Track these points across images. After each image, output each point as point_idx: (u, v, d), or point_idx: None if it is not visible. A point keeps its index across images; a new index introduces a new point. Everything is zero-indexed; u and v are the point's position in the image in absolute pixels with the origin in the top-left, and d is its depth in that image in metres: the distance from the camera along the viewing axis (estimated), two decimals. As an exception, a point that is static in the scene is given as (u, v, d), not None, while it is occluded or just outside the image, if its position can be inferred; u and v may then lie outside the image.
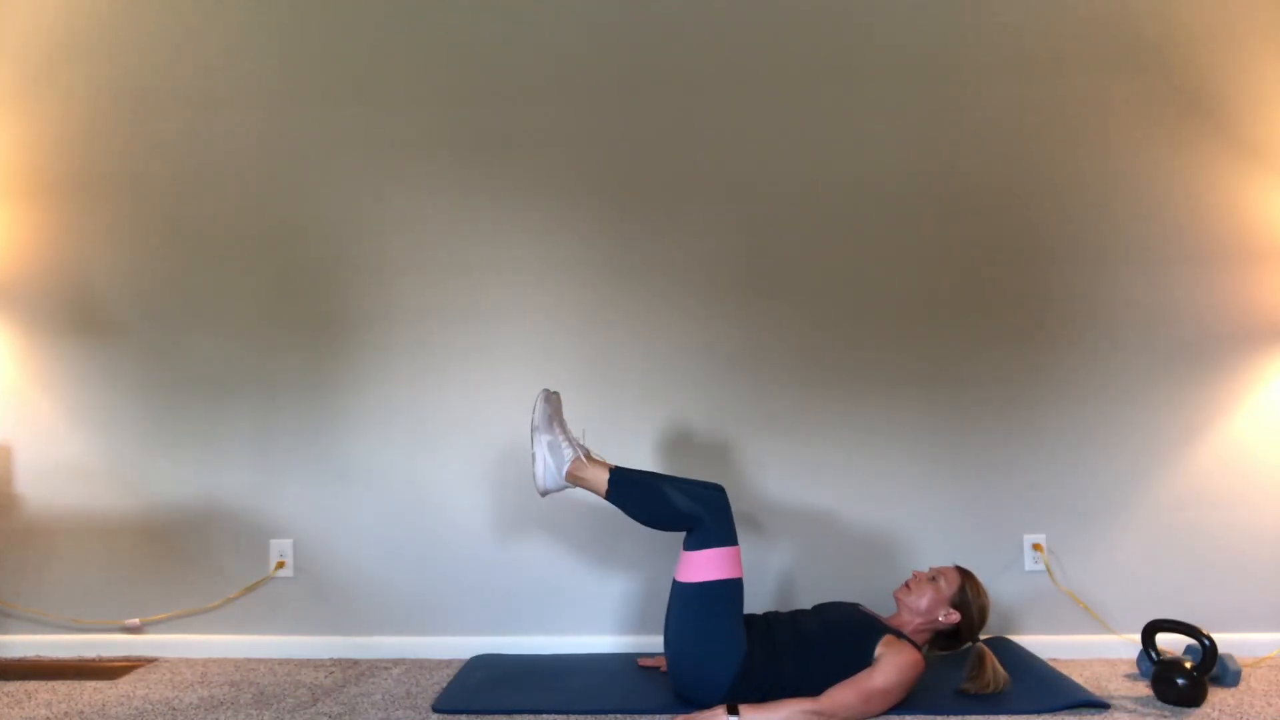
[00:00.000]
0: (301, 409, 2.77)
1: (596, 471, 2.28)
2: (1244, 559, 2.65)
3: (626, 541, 2.72)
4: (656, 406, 2.74)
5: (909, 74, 2.75)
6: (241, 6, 2.82)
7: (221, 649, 2.73)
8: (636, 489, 2.25)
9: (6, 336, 2.81)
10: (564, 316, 2.76)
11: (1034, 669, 2.37)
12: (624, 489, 2.26)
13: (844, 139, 2.75)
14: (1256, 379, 2.67)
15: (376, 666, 2.62)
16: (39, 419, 2.79)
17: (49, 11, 2.83)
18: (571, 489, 2.50)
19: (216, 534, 2.76)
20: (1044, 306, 2.71)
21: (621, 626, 2.73)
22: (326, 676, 2.53)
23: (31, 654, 2.74)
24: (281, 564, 2.75)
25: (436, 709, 2.21)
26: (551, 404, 2.34)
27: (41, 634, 2.76)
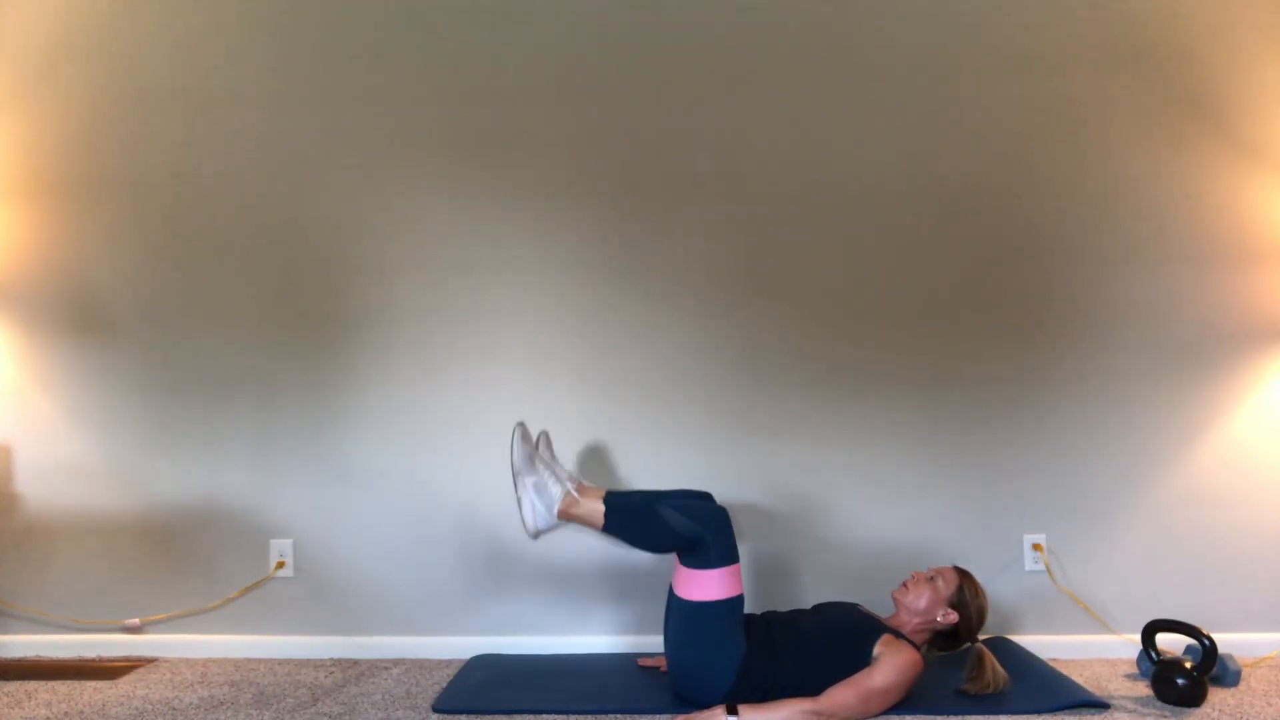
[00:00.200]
0: (301, 409, 2.77)
1: (591, 505, 2.22)
2: (1244, 559, 2.65)
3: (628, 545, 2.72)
4: (656, 406, 2.74)
5: (909, 74, 2.75)
6: (242, 7, 2.82)
7: (221, 649, 2.73)
8: (635, 519, 2.20)
9: (6, 336, 2.81)
10: (564, 316, 2.76)
11: (1034, 669, 2.37)
12: (622, 521, 2.21)
13: (844, 139, 2.75)
14: (1256, 379, 2.67)
15: (376, 666, 2.62)
16: (39, 419, 2.79)
17: (49, 11, 2.83)
18: (565, 526, 2.44)
19: (216, 534, 2.76)
20: (1044, 306, 2.71)
21: (621, 626, 2.73)
22: (326, 676, 2.53)
23: (31, 654, 2.74)
24: (281, 564, 2.75)
25: (436, 709, 2.21)
26: (529, 442, 2.27)
27: (41, 634, 2.76)
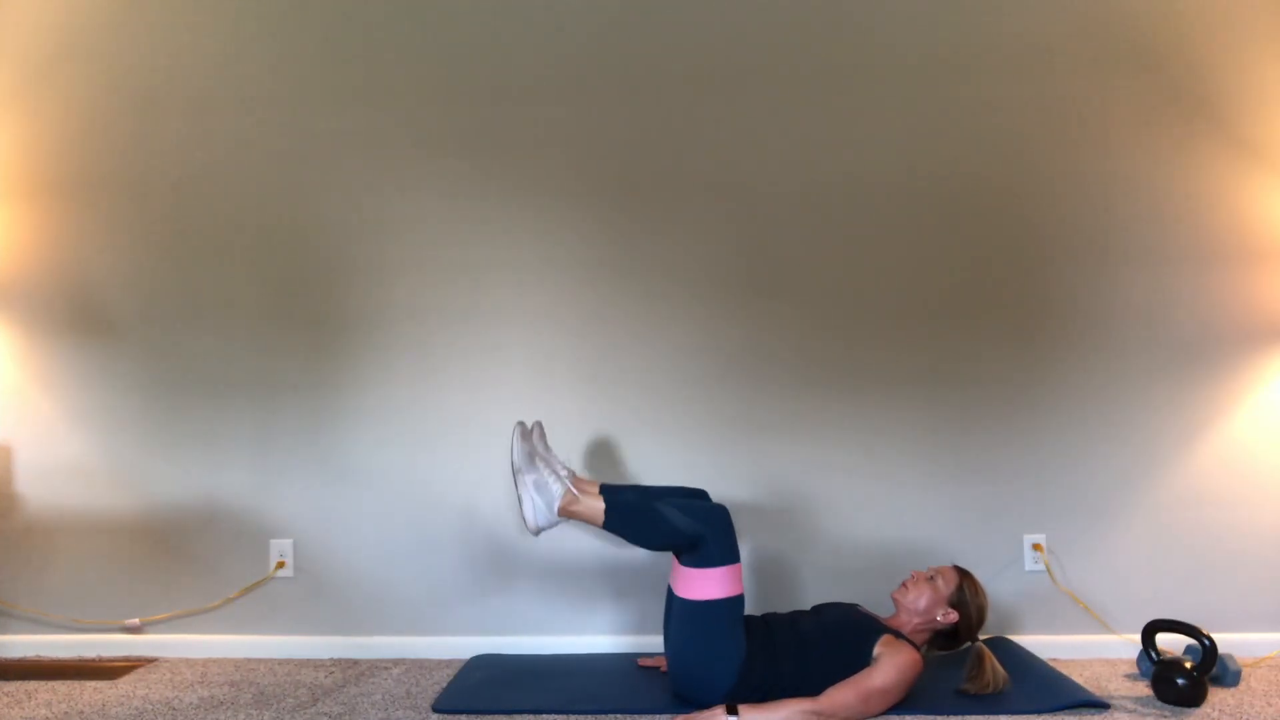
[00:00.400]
0: (301, 409, 2.77)
1: (590, 502, 2.23)
2: (1244, 559, 2.65)
3: (626, 541, 2.72)
4: (656, 406, 2.74)
5: (909, 74, 2.75)
6: (242, 6, 2.82)
7: (221, 649, 2.73)
8: (635, 517, 2.21)
9: (6, 336, 2.81)
10: (564, 316, 2.76)
11: (1034, 669, 2.37)
12: (623, 518, 2.21)
13: (844, 139, 2.75)
14: (1256, 379, 2.67)
15: (376, 666, 2.62)
16: (39, 419, 2.79)
17: (49, 11, 2.83)
18: (566, 523, 2.45)
19: (216, 534, 2.76)
20: (1044, 306, 2.71)
21: (621, 626, 2.73)
22: (326, 676, 2.53)
23: (31, 654, 2.74)
24: (281, 564, 2.75)
25: (436, 709, 2.21)
26: (529, 440, 2.28)
27: (41, 634, 2.76)
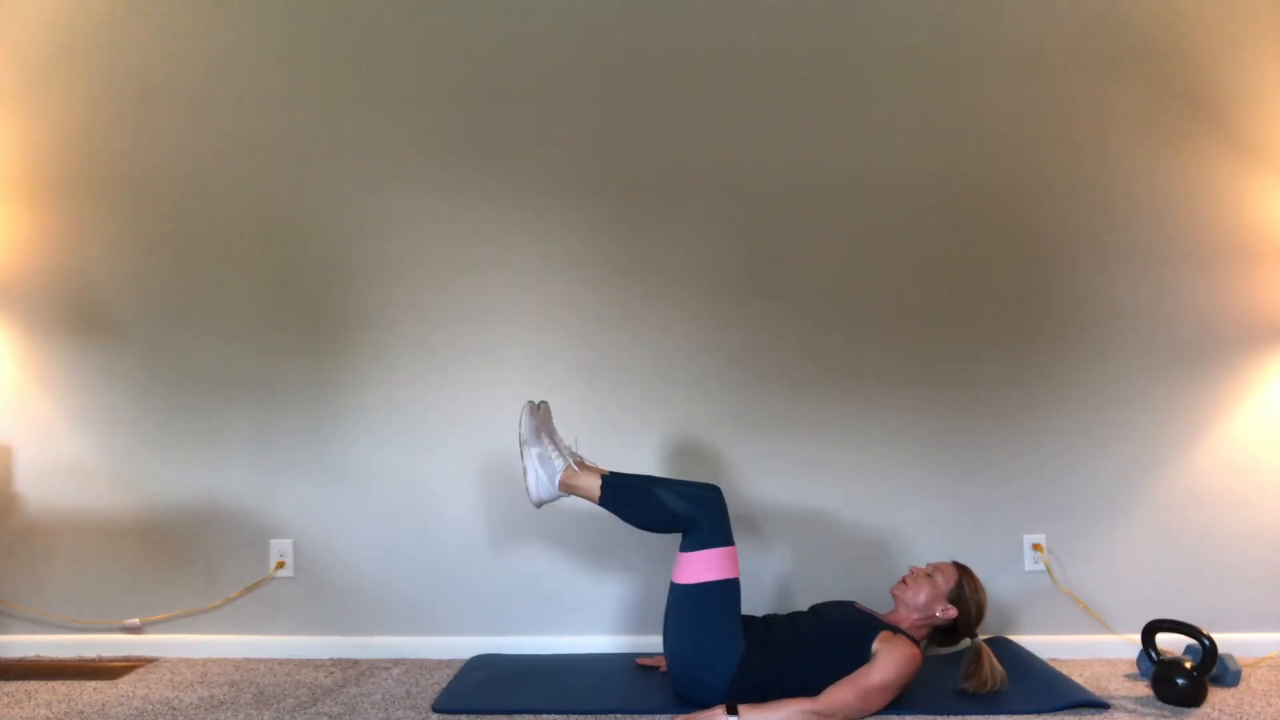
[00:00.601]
0: (301, 409, 2.77)
1: (589, 478, 2.28)
2: (1244, 559, 2.65)
3: (626, 542, 2.72)
4: (656, 406, 2.74)
5: (909, 74, 2.75)
6: (242, 6, 2.82)
7: (221, 649, 2.73)
8: (629, 494, 2.25)
9: (6, 336, 2.81)
10: (564, 316, 2.76)
11: (1034, 669, 2.37)
12: (617, 494, 2.26)
13: (844, 139, 2.75)
14: (1256, 379, 2.67)
15: (376, 666, 2.62)
16: (39, 419, 2.79)
17: (49, 11, 2.83)
18: (566, 498, 2.50)
19: (216, 534, 2.76)
20: (1044, 307, 2.71)
21: (621, 626, 2.73)
22: (326, 676, 2.53)
23: (31, 654, 2.74)
24: (281, 564, 2.75)
25: (436, 709, 2.21)
26: (537, 416, 2.34)
27: (41, 634, 2.76)
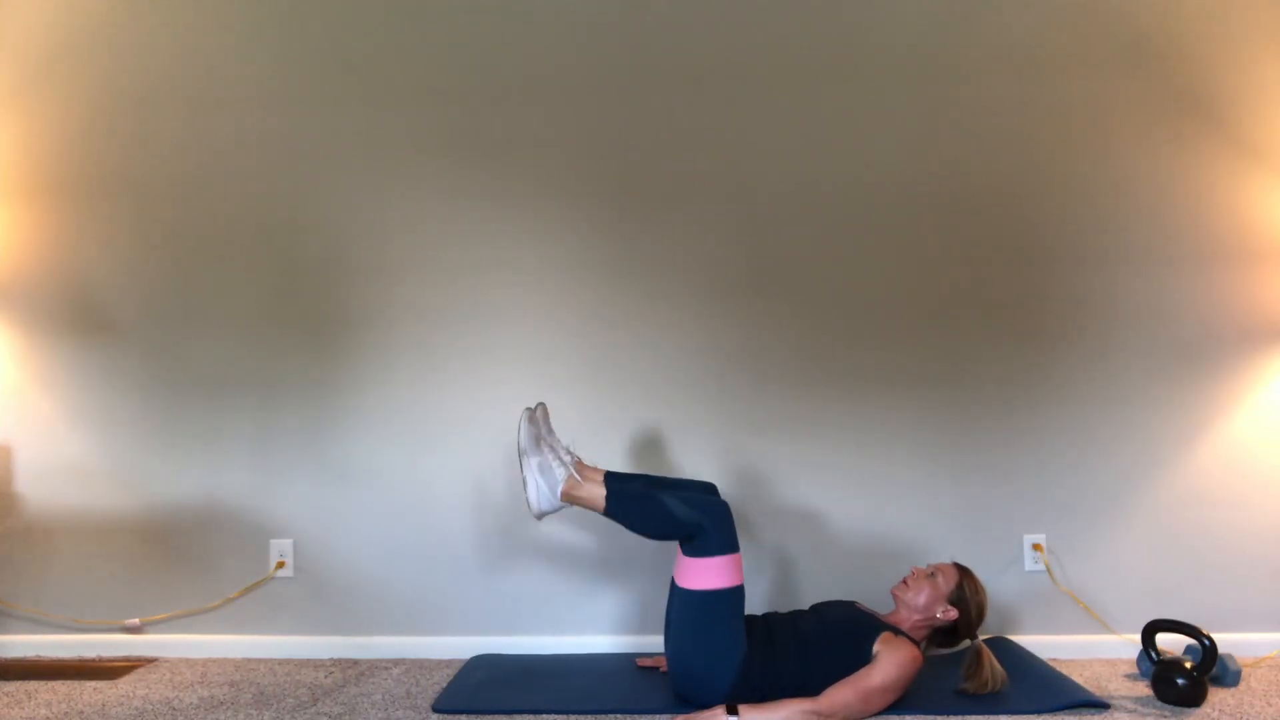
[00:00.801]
0: (301, 409, 2.77)
1: (592, 488, 2.24)
2: (1244, 559, 2.65)
3: (626, 542, 2.72)
4: (656, 406, 2.74)
5: (909, 74, 2.75)
6: (242, 6, 2.82)
7: (221, 649, 2.73)
8: (636, 504, 2.21)
9: (6, 336, 2.81)
10: (564, 316, 2.76)
11: (1034, 669, 2.37)
12: (623, 505, 2.22)
13: (844, 139, 2.75)
14: (1256, 379, 2.67)
15: (376, 666, 2.62)
16: (39, 419, 2.79)
17: (49, 11, 2.83)
18: (567, 508, 2.45)
19: (216, 534, 2.76)
20: (1044, 307, 2.71)
21: (621, 627, 2.73)
22: (326, 676, 2.53)
23: (31, 654, 2.74)
24: (281, 564, 2.75)
25: (436, 709, 2.21)
26: (535, 423, 2.28)
27: (41, 634, 2.76)
